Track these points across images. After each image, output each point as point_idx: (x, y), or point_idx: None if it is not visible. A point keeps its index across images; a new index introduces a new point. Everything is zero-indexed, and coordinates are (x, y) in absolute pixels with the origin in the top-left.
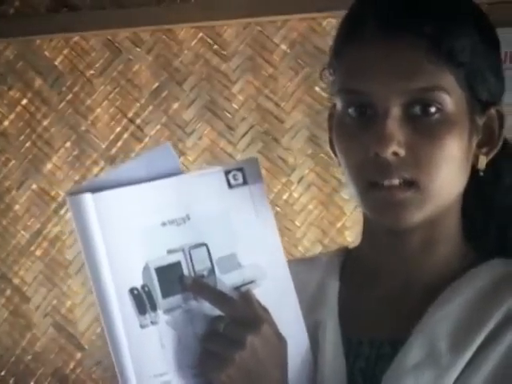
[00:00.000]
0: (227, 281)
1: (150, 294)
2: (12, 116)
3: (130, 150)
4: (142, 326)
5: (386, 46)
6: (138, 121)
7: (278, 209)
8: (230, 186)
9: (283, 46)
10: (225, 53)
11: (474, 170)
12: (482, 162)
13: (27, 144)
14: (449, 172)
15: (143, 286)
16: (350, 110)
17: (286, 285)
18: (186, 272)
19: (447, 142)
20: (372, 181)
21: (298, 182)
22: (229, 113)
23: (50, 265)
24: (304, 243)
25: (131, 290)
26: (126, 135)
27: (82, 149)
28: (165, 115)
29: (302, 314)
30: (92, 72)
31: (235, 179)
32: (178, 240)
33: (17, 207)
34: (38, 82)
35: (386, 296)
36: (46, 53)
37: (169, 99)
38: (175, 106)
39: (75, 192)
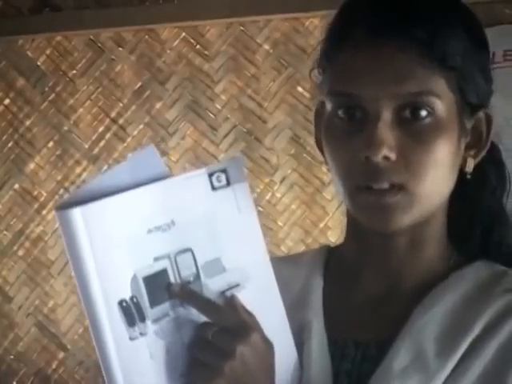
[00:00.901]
0: (213, 285)
1: (138, 305)
2: None
3: (113, 149)
4: (132, 339)
5: (377, 50)
6: (121, 121)
7: (261, 209)
8: (213, 188)
9: (266, 46)
10: (207, 53)
11: (460, 173)
12: (470, 164)
13: (10, 144)
14: (437, 176)
15: (132, 298)
16: (340, 112)
17: (270, 286)
18: (172, 279)
19: (437, 146)
20: (361, 184)
21: (281, 181)
22: (211, 113)
23: (33, 265)
24: (287, 243)
25: (120, 303)
26: (108, 135)
27: (64, 149)
28: (147, 115)
29: (286, 314)
30: (74, 72)
31: (219, 181)
32: (163, 247)
33: None
34: (21, 81)
35: (372, 297)
36: (29, 53)
37: (151, 99)
38: (158, 105)
39: (63, 206)
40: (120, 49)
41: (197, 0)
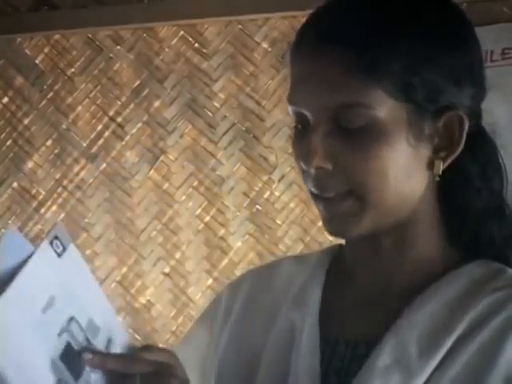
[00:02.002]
0: (98, 345)
1: None
2: None
3: (112, 148)
4: None
5: (313, 63)
6: (119, 119)
7: (259, 207)
8: (58, 255)
9: (264, 45)
10: (206, 51)
11: (444, 173)
12: (438, 167)
13: (8, 142)
14: (387, 182)
15: (59, 381)
16: (295, 122)
17: (122, 335)
18: (76, 348)
19: (376, 154)
20: (313, 191)
21: (279, 180)
22: (210, 111)
23: None
24: (285, 241)
25: None
26: (107, 133)
27: (63, 147)
28: (146, 113)
29: (284, 310)
30: (73, 70)
31: (57, 247)
32: (58, 321)
33: None
34: (19, 80)
35: (365, 296)
36: (27, 51)
37: (150, 97)
38: (156, 104)
39: None
40: (118, 47)
41: None
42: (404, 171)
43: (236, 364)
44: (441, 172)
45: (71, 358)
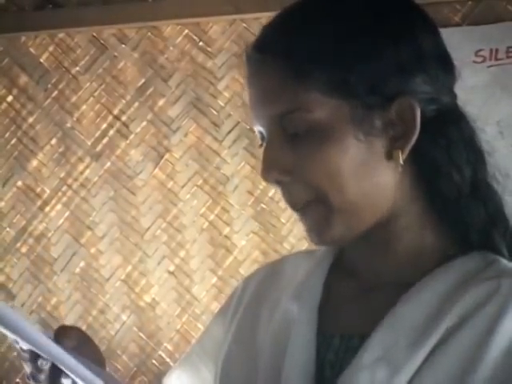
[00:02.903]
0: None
1: None
2: None
3: (116, 146)
4: None
5: (254, 74)
6: (124, 118)
7: (264, 206)
8: None
9: None
10: (210, 50)
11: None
12: (397, 156)
13: (13, 141)
14: (345, 182)
15: None
16: (261, 142)
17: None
18: None
19: (326, 157)
20: (291, 208)
21: None
22: (214, 109)
23: (36, 262)
24: (290, 240)
25: None
26: (111, 132)
27: (67, 146)
28: (150, 112)
29: (284, 302)
30: (77, 69)
31: None
32: None
33: (2, 204)
34: (24, 78)
35: (361, 290)
36: (32, 49)
37: (154, 96)
38: (161, 102)
39: None
40: (123, 46)
41: None
42: (360, 168)
43: (239, 355)
44: (401, 162)
45: None
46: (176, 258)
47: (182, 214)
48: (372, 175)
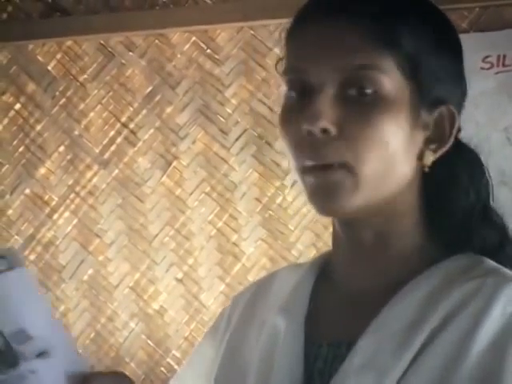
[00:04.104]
0: (25, 351)
1: None
2: (5, 121)
3: (124, 154)
4: None
5: (325, 26)
6: (132, 125)
7: (272, 213)
8: None
9: (276, 50)
10: (218, 57)
11: (432, 170)
12: (428, 157)
13: (20, 149)
14: (384, 157)
15: None
16: (292, 92)
17: (71, 351)
18: None
19: (381, 125)
20: (306, 164)
21: (292, 185)
22: (222, 117)
23: (44, 269)
24: (298, 247)
25: None
26: (119, 139)
27: (75, 153)
28: (158, 119)
29: (271, 316)
30: (85, 76)
31: (1, 265)
32: None
33: (10, 212)
34: (31, 86)
35: (347, 297)
36: (39, 57)
37: (162, 103)
38: (168, 110)
39: None
40: (130, 53)
41: (207, 4)
42: (400, 150)
43: (230, 372)
44: (430, 163)
45: None
46: (184, 266)
47: (190, 221)
48: (403, 162)
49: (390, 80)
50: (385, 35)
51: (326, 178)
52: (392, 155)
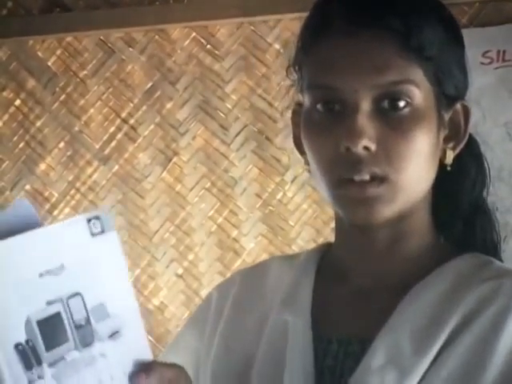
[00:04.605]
0: (100, 330)
1: (34, 349)
2: (5, 117)
3: (124, 150)
4: (30, 382)
5: (355, 41)
6: (132, 121)
7: (272, 208)
8: (92, 234)
9: (276, 46)
10: (218, 52)
11: (441, 165)
12: (450, 156)
13: (21, 145)
14: (418, 166)
15: (27, 341)
16: (319, 106)
17: (140, 335)
18: (66, 322)
19: (416, 136)
20: (343, 177)
21: (292, 181)
22: (222, 112)
23: None
24: (298, 242)
25: (16, 346)
26: (119, 135)
27: (75, 149)
28: (158, 115)
29: (275, 311)
30: (85, 72)
31: (95, 227)
32: (55, 290)
33: None
34: (31, 82)
35: (357, 293)
36: (39, 53)
37: (162, 99)
38: (168, 105)
39: None
40: (130, 49)
41: (207, 0)
42: (429, 159)
43: (228, 365)
44: (451, 161)
45: (51, 327)
46: (184, 261)
47: (191, 216)
48: (431, 166)
49: (421, 90)
50: (414, 49)
51: (364, 191)
52: (425, 163)
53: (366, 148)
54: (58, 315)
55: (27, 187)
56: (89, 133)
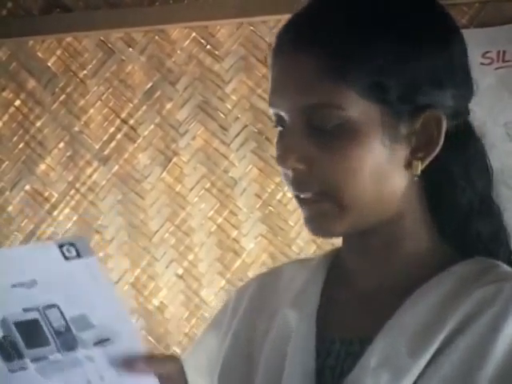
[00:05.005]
0: (85, 337)
1: (14, 344)
2: (5, 117)
3: (124, 150)
4: (11, 371)
5: (289, 64)
6: (132, 121)
7: (272, 208)
8: (65, 258)
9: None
10: (218, 53)
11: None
12: (416, 167)
13: (20, 145)
14: (361, 183)
15: (4, 337)
16: (276, 123)
17: (135, 344)
18: (45, 328)
19: (349, 155)
20: (293, 193)
21: None
22: (222, 113)
23: None
24: (298, 243)
25: None
26: (119, 136)
27: (75, 149)
28: (158, 115)
29: (282, 311)
30: (85, 73)
31: (69, 252)
32: (30, 300)
33: (10, 208)
34: (31, 83)
35: (361, 295)
36: (39, 54)
37: (162, 99)
38: (168, 106)
39: None
40: (130, 49)
41: (207, 0)
42: (379, 172)
43: (236, 363)
44: (419, 172)
45: (30, 330)
46: (184, 262)
47: (190, 217)
48: (387, 180)
49: (353, 112)
50: (339, 70)
51: (310, 207)
52: (370, 178)
53: (296, 168)
54: (36, 321)
55: (27, 187)
56: (89, 133)
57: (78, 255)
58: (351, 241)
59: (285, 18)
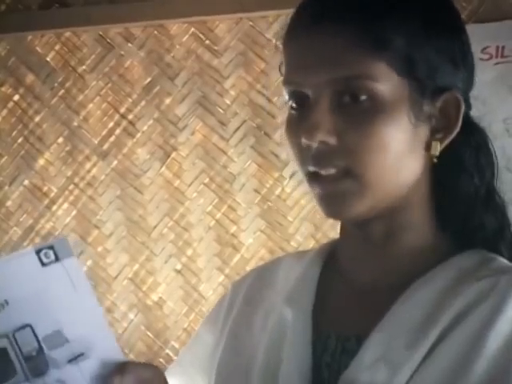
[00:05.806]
0: (57, 356)
1: None
2: (4, 112)
3: (123, 145)
4: None
5: (314, 37)
6: (131, 116)
7: (270, 204)
8: (43, 264)
9: (275, 41)
10: (217, 48)
11: (438, 157)
12: (435, 148)
13: (19, 140)
14: (388, 160)
15: None
16: (292, 102)
17: (113, 354)
18: (13, 357)
19: (379, 130)
20: (311, 171)
21: (291, 176)
22: (221, 108)
23: None
24: (297, 238)
25: None
26: (118, 131)
27: (74, 144)
28: (157, 110)
29: (278, 306)
30: (84, 68)
31: (47, 257)
32: (0, 325)
33: (9, 203)
34: (30, 77)
35: (356, 290)
36: (38, 49)
37: (161, 94)
38: (167, 101)
39: None
40: (129, 44)
41: None
42: (404, 150)
43: (233, 359)
44: (437, 153)
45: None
46: (183, 257)
47: (189, 212)
48: (410, 160)
49: (384, 84)
50: (373, 41)
51: (331, 187)
52: (395, 156)
53: (324, 142)
54: (3, 351)
55: (26, 182)
56: (87, 128)
57: (57, 258)
58: (351, 231)
59: (284, 13)
